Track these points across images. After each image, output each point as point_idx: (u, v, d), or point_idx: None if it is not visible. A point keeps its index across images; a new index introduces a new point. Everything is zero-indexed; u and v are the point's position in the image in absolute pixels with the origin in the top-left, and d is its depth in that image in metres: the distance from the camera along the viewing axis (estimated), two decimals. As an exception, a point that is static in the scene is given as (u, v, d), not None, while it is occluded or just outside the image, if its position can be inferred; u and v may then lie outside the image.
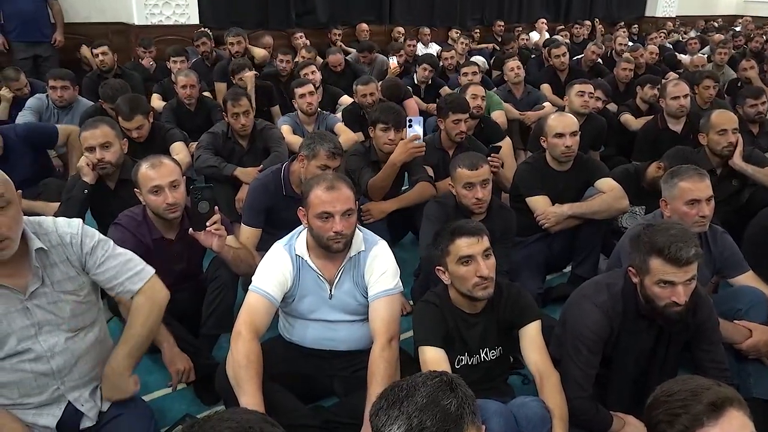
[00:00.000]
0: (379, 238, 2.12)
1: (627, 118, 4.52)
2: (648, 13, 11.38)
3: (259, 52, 5.70)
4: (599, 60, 6.52)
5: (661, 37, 9.07)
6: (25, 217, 1.59)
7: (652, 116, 4.26)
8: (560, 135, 2.85)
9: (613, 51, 7.34)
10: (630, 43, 7.59)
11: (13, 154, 3.32)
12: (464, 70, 5.03)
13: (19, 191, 1.57)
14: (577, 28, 9.30)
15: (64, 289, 1.64)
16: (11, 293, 1.57)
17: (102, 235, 1.75)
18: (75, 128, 3.53)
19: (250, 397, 1.74)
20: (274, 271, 1.99)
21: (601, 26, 10.14)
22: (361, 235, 2.06)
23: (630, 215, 3.12)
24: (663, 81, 4.61)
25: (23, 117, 4.07)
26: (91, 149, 2.73)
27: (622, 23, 10.43)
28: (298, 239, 2.06)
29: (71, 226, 1.68)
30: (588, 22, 9.92)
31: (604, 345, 1.92)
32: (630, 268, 1.88)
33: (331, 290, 2.04)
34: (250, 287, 2.00)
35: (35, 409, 1.63)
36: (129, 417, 1.73)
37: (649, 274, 1.79)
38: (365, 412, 1.78)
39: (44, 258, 1.61)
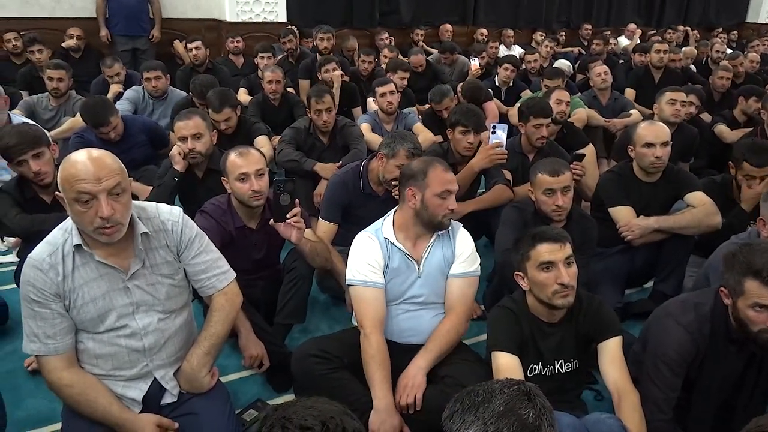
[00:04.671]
0: (459, 222, 2.23)
1: (722, 129, 4.28)
2: (749, 19, 10.70)
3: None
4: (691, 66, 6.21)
5: (764, 44, 8.51)
6: None
7: (750, 128, 4.01)
8: (650, 145, 2.73)
9: (709, 58, 6.97)
10: (728, 51, 7.17)
11: (131, 138, 3.62)
12: None
13: (130, 178, 1.66)
14: (669, 33, 8.87)
15: (162, 272, 1.73)
16: (115, 272, 1.66)
17: (199, 229, 1.83)
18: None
19: (380, 393, 1.91)
20: (368, 258, 2.08)
21: (695, 32, 9.63)
22: None
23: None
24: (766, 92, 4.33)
25: (120, 106, 4.32)
26: (184, 139, 2.88)
27: (720, 29, 9.88)
28: (384, 225, 2.14)
29: (173, 214, 1.76)
30: (682, 28, 9.45)
31: (687, 367, 1.83)
32: (722, 289, 1.78)
33: (419, 267, 2.10)
34: (352, 283, 2.08)
35: (125, 381, 1.73)
36: (207, 397, 1.80)
37: (743, 296, 1.69)
38: (414, 360, 1.96)
39: (146, 242, 1.70)
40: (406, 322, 2.13)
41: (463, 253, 2.12)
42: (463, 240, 2.16)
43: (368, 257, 2.07)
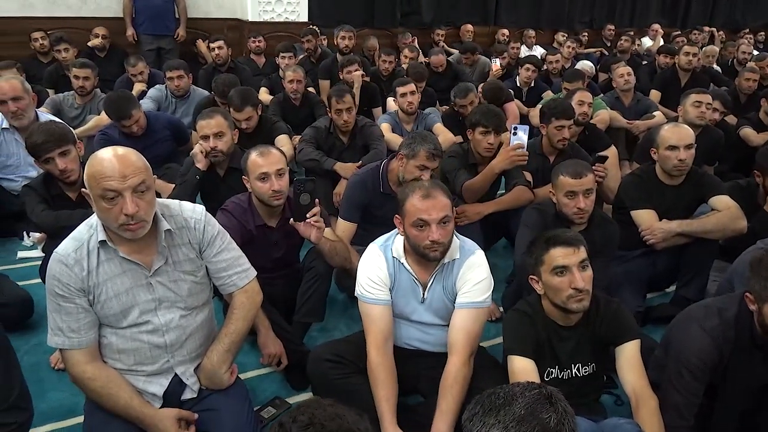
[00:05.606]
0: (477, 247, 2.08)
1: (747, 132, 4.21)
2: (778, 20, 10.50)
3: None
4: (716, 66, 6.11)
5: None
6: None
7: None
8: (674, 147, 2.69)
9: (735, 60, 6.86)
10: (755, 52, 7.05)
11: (155, 134, 3.68)
12: None
13: (155, 176, 1.69)
14: (695, 34, 8.73)
15: (184, 269, 1.75)
16: (139, 269, 1.69)
17: (220, 226, 1.85)
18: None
19: (382, 409, 1.87)
20: (373, 275, 2.01)
21: (721, 33, 9.47)
22: (457, 242, 2.03)
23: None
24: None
25: (144, 104, 4.37)
26: (206, 138, 2.91)
27: (747, 30, 9.70)
28: (396, 240, 2.06)
29: (196, 212, 1.78)
30: (708, 28, 9.30)
31: (710, 373, 1.80)
32: (747, 294, 1.74)
33: (424, 293, 2.03)
34: (360, 298, 2.03)
35: (146, 376, 1.76)
36: (227, 394, 1.82)
37: (769, 302, 1.66)
38: (434, 425, 1.81)
39: (169, 239, 1.72)
40: (413, 334, 2.11)
41: (467, 282, 1.98)
42: (470, 269, 1.99)
43: (373, 274, 2.01)
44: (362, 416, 1.06)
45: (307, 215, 2.23)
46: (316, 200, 2.24)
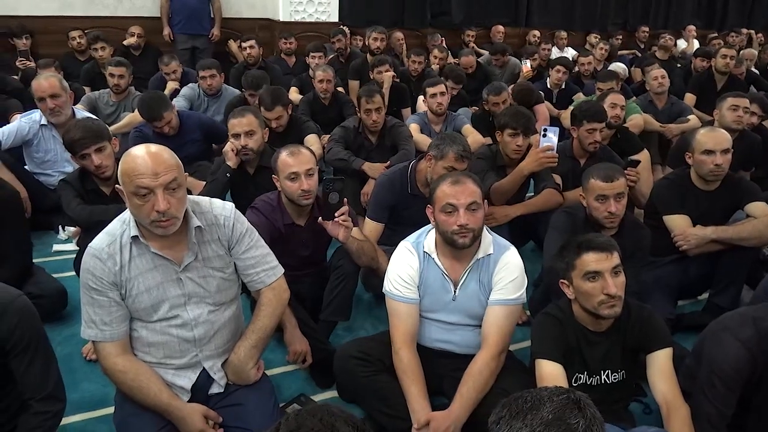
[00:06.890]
0: (511, 245, 2.09)
1: (786, 137, 4.08)
2: (820, 22, 10.18)
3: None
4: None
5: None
6: None
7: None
8: (710, 152, 2.63)
9: (774, 63, 6.70)
10: (796, 55, 6.86)
11: (187, 134, 3.75)
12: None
13: (186, 173, 1.71)
14: (732, 36, 8.52)
15: (213, 265, 1.78)
16: (169, 264, 1.72)
17: (249, 224, 1.87)
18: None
19: (417, 406, 1.88)
20: (403, 273, 2.03)
21: (760, 35, 9.22)
22: (490, 238, 2.05)
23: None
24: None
25: (177, 102, 4.45)
26: (237, 136, 2.94)
27: (788, 33, 9.45)
28: (427, 237, 2.08)
29: (225, 209, 1.81)
30: (746, 31, 9.07)
31: (744, 384, 1.76)
32: (784, 304, 1.70)
33: (455, 291, 2.04)
34: (388, 294, 2.05)
35: (175, 370, 1.79)
36: (253, 389, 1.85)
37: (807, 313, 1.61)
38: (450, 407, 1.85)
39: (199, 235, 1.75)
40: (438, 334, 2.11)
41: (502, 279, 2.00)
42: (506, 265, 2.01)
43: (403, 272, 2.03)
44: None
45: (336, 214, 2.24)
46: (345, 199, 2.25)
